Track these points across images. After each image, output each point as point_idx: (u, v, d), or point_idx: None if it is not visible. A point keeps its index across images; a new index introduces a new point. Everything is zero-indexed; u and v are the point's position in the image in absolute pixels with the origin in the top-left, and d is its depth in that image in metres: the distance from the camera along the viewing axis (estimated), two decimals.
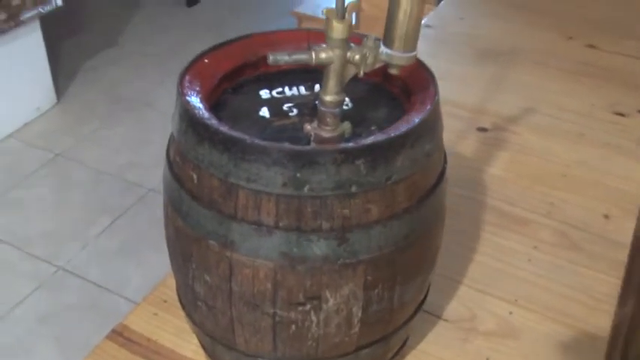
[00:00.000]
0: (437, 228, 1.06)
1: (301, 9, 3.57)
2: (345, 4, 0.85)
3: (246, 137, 0.89)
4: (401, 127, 0.91)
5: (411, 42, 0.88)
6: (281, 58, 0.87)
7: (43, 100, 3.14)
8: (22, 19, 2.84)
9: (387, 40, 0.88)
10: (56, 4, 2.97)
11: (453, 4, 2.77)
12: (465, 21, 2.61)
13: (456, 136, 1.91)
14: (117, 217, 2.55)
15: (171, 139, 1.03)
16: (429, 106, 0.96)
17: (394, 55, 0.88)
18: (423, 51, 2.29)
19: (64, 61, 3.50)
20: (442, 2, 2.82)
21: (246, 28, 0.83)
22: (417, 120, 0.92)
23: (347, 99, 1.06)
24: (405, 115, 0.97)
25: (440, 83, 1.03)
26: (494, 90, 2.14)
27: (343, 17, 0.85)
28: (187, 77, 1.03)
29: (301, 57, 0.88)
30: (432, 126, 0.97)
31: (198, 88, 1.02)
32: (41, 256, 2.37)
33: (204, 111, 0.96)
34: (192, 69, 1.05)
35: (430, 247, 1.06)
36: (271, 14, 3.94)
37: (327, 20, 0.85)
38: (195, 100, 0.99)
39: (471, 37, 2.48)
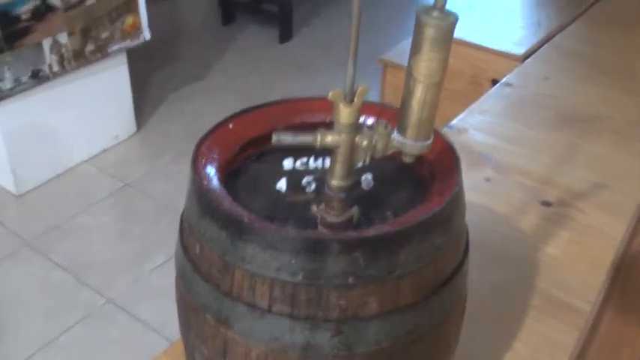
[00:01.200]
0: (449, 322, 0.99)
1: (388, 56, 3.52)
2: (355, 88, 0.81)
3: (244, 216, 0.85)
4: (409, 220, 0.85)
5: (425, 130, 0.82)
6: (284, 138, 0.84)
7: (123, 129, 3.22)
8: (109, 51, 2.93)
9: (400, 127, 0.83)
10: (144, 38, 3.05)
11: (538, 63, 2.66)
12: (548, 81, 2.50)
13: (517, 209, 1.81)
14: (172, 255, 2.56)
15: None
16: (446, 198, 0.90)
17: (407, 144, 0.83)
18: (500, 111, 2.21)
19: (149, 92, 3.58)
20: (528, 60, 2.72)
21: (334, 70, 0.78)
22: (427, 214, 0.86)
23: (369, 177, 1.01)
24: (420, 204, 0.91)
25: (512, 148, 0.97)
26: (567, 160, 2.03)
27: (351, 101, 0.80)
28: (207, 143, 1.01)
29: (306, 139, 0.84)
30: (447, 218, 0.90)
31: (216, 155, 1.00)
32: (93, 286, 2.40)
33: (211, 182, 0.93)
34: (215, 134, 1.03)
35: (440, 342, 0.99)
36: (359, 58, 3.93)
37: (334, 104, 0.81)
38: (208, 169, 0.96)
39: (552, 99, 2.37)
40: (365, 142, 0.84)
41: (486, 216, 1.73)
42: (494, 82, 2.73)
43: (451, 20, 0.75)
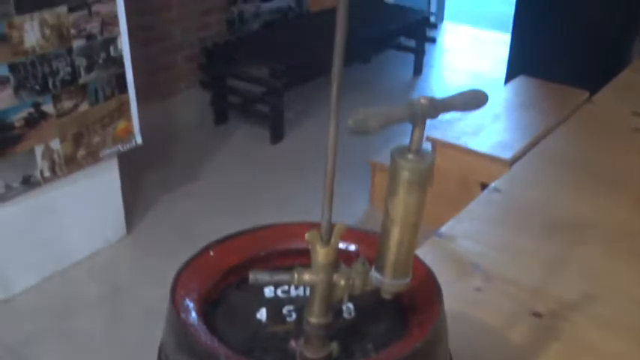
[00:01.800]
0: None
1: (378, 158, 3.55)
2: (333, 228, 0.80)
3: (222, 354, 0.84)
4: (388, 357, 0.84)
5: (403, 269, 0.82)
6: (262, 278, 0.83)
7: (113, 232, 3.21)
8: (101, 156, 2.95)
9: (378, 265, 0.82)
10: (136, 142, 3.08)
11: (526, 168, 2.69)
12: (536, 187, 2.52)
13: (507, 320, 1.79)
14: None
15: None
16: (427, 333, 0.88)
17: (385, 282, 0.82)
18: (489, 217, 2.21)
19: (140, 193, 3.60)
20: (516, 164, 2.75)
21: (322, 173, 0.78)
22: (407, 351, 0.85)
23: (351, 306, 1.00)
24: (401, 337, 0.90)
25: (500, 257, 0.96)
26: (557, 270, 2.02)
27: (328, 242, 0.80)
28: (186, 271, 1.00)
29: (283, 278, 0.83)
30: (428, 352, 0.89)
31: (196, 285, 0.99)
32: None
33: (189, 315, 0.92)
34: (195, 262, 1.03)
35: None
36: (349, 160, 3.94)
37: (311, 245, 0.80)
38: (187, 301, 0.95)
39: (541, 205, 2.38)
40: (343, 281, 0.83)
41: (475, 327, 1.71)
42: (483, 185, 2.75)
43: (427, 163, 0.76)
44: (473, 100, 0.75)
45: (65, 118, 2.77)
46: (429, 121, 0.75)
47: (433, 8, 6.37)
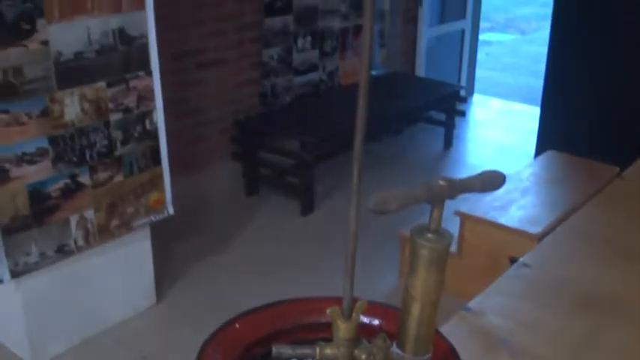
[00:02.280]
0: None
1: (407, 231, 3.54)
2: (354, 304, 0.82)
3: None
4: None
5: (424, 345, 0.83)
6: (284, 351, 0.85)
7: (143, 301, 3.24)
8: (133, 226, 3.01)
9: (399, 341, 0.84)
10: (168, 212, 3.14)
11: (554, 243, 2.68)
12: (566, 263, 2.51)
13: None
14: None
15: None
16: None
17: (405, 358, 0.84)
18: (518, 293, 2.20)
19: (171, 263, 3.63)
20: (544, 240, 2.74)
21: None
22: None
23: None
24: None
25: (528, 333, 0.96)
26: (587, 347, 1.99)
27: (349, 317, 0.82)
28: (212, 344, 1.02)
29: (305, 352, 0.85)
30: None
31: (220, 357, 1.01)
32: None
33: None
34: (221, 334, 1.04)
35: None
36: (382, 232, 3.95)
37: (333, 320, 0.82)
38: None
39: (569, 282, 2.36)
40: (364, 356, 0.84)
41: None
42: (512, 260, 2.74)
43: (446, 241, 0.78)
44: (491, 181, 0.78)
45: (100, 189, 2.84)
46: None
47: (463, 82, 6.46)
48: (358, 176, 0.76)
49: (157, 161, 3.05)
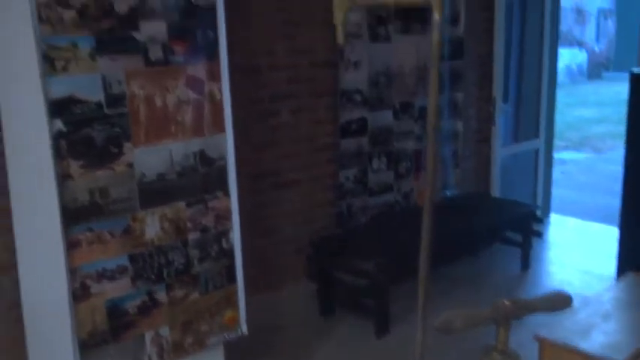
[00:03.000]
0: None
1: (546, 334, 3.07)
2: None
3: None
4: None
5: None
6: None
7: None
8: (207, 343, 3.03)
9: None
10: (242, 331, 3.15)
11: None
12: None
13: None
14: None
15: None
16: None
17: None
18: None
19: None
20: None
21: None
22: None
23: None
24: None
25: None
26: None
27: None
28: None
29: None
30: None
31: None
32: None
33: None
34: None
35: None
36: (520, 335, 3.85)
37: None
38: None
39: None
40: None
41: None
42: None
43: None
44: (557, 302, 0.77)
45: (176, 307, 2.89)
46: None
47: (539, 201, 6.39)
48: (424, 298, 0.77)
49: (233, 279, 3.09)
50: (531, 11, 6.28)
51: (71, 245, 2.53)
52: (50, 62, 2.42)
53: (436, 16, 1.99)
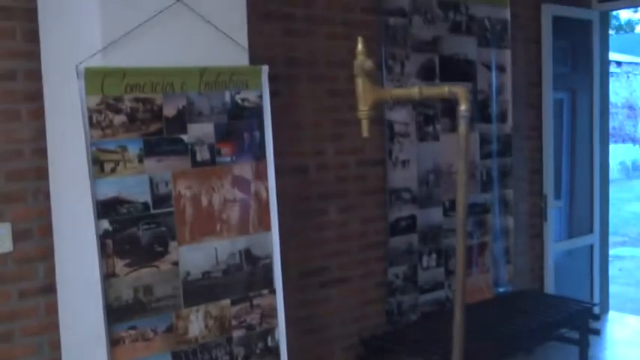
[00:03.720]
0: None
1: None
2: None
3: None
4: None
5: None
6: None
7: None
8: None
9: None
10: None
11: None
12: None
13: None
14: None
15: None
16: None
17: None
18: None
19: None
20: None
21: None
22: None
23: None
24: None
25: None
26: None
27: None
28: None
29: None
30: None
31: None
32: None
33: None
34: None
35: None
36: None
37: None
38: None
39: None
40: None
41: None
42: None
43: None
44: None
45: None
46: None
47: (596, 298, 6.20)
48: None
49: None
50: (580, 107, 6.30)
51: (114, 342, 2.56)
52: (99, 165, 2.52)
53: (462, 107, 2.02)
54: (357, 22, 4.38)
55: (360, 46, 2.19)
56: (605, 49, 6.39)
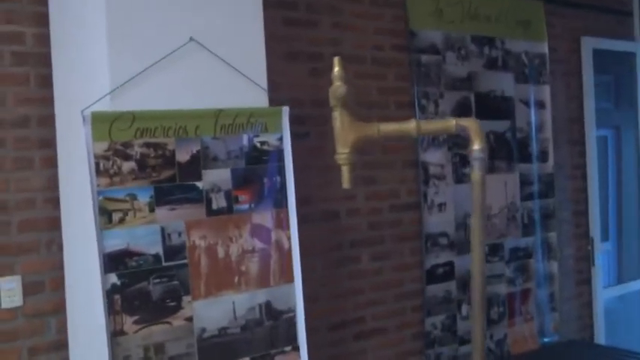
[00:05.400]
0: None
1: None
2: None
3: None
4: None
5: None
6: None
7: None
8: None
9: None
10: None
11: None
12: None
13: None
14: None
15: None
16: None
17: None
18: None
19: None
20: None
21: None
22: None
23: None
24: None
25: None
26: None
27: None
28: None
29: None
30: None
31: None
32: None
33: None
34: None
35: None
36: None
37: None
38: None
39: None
40: None
41: None
42: None
43: None
44: None
45: None
46: None
47: None
48: None
49: None
50: (626, 144, 6.05)
51: None
52: (107, 215, 2.37)
53: (475, 146, 1.75)
54: (387, 60, 4.23)
55: (336, 69, 1.84)
56: None
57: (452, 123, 1.82)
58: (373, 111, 4.14)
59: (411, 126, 1.85)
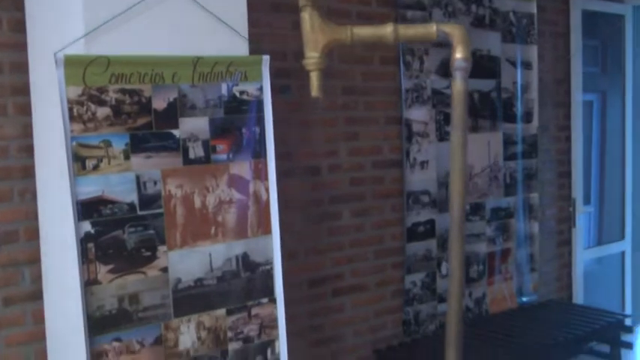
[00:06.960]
0: None
1: None
2: None
3: None
4: None
5: None
6: None
7: None
8: None
9: None
10: None
11: None
12: None
13: None
14: None
15: None
16: None
17: None
18: None
19: None
20: None
21: None
22: None
23: None
24: None
25: None
26: None
27: None
28: None
29: None
30: None
31: None
32: None
33: None
34: None
35: None
36: None
37: None
38: None
39: None
40: None
41: None
42: None
43: None
44: None
45: None
46: None
47: (628, 309, 5.92)
48: None
49: None
50: (611, 109, 6.04)
51: (96, 356, 2.35)
52: (80, 161, 2.32)
53: (457, 54, 1.60)
54: (373, 15, 4.16)
55: None
56: (638, 46, 6.10)
57: (433, 28, 1.69)
58: (359, 66, 4.09)
59: (387, 30, 1.72)
